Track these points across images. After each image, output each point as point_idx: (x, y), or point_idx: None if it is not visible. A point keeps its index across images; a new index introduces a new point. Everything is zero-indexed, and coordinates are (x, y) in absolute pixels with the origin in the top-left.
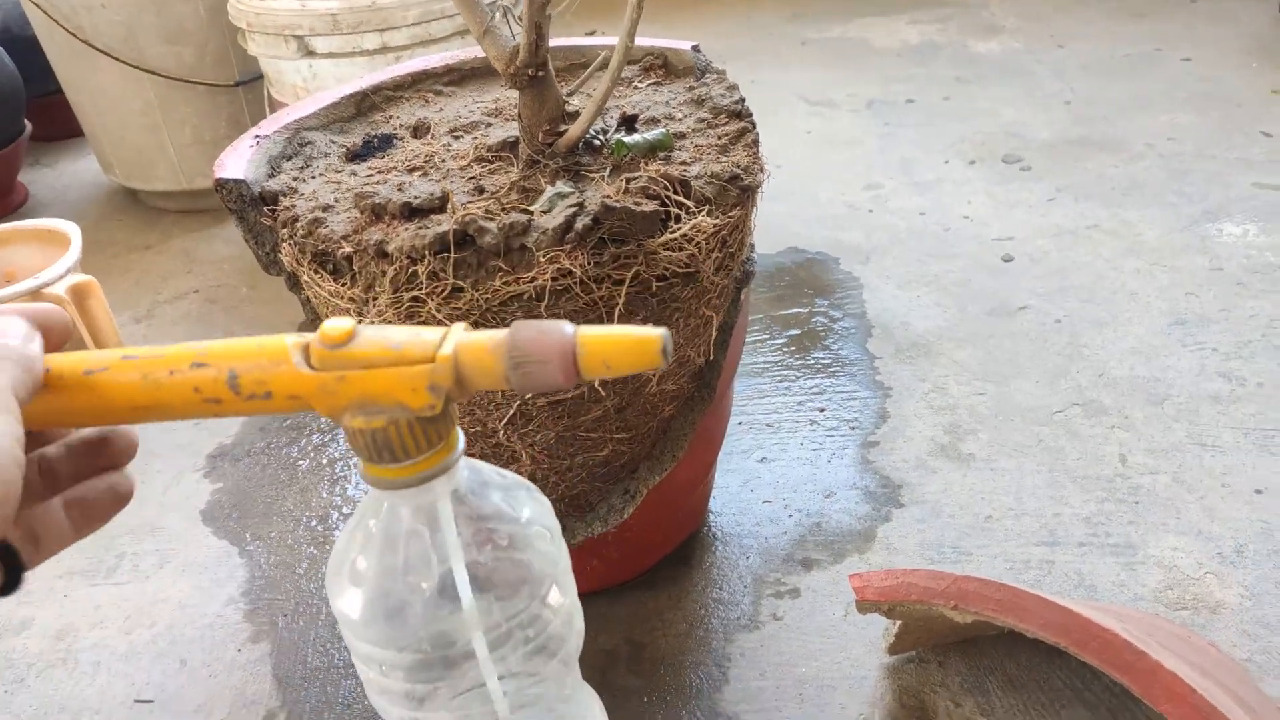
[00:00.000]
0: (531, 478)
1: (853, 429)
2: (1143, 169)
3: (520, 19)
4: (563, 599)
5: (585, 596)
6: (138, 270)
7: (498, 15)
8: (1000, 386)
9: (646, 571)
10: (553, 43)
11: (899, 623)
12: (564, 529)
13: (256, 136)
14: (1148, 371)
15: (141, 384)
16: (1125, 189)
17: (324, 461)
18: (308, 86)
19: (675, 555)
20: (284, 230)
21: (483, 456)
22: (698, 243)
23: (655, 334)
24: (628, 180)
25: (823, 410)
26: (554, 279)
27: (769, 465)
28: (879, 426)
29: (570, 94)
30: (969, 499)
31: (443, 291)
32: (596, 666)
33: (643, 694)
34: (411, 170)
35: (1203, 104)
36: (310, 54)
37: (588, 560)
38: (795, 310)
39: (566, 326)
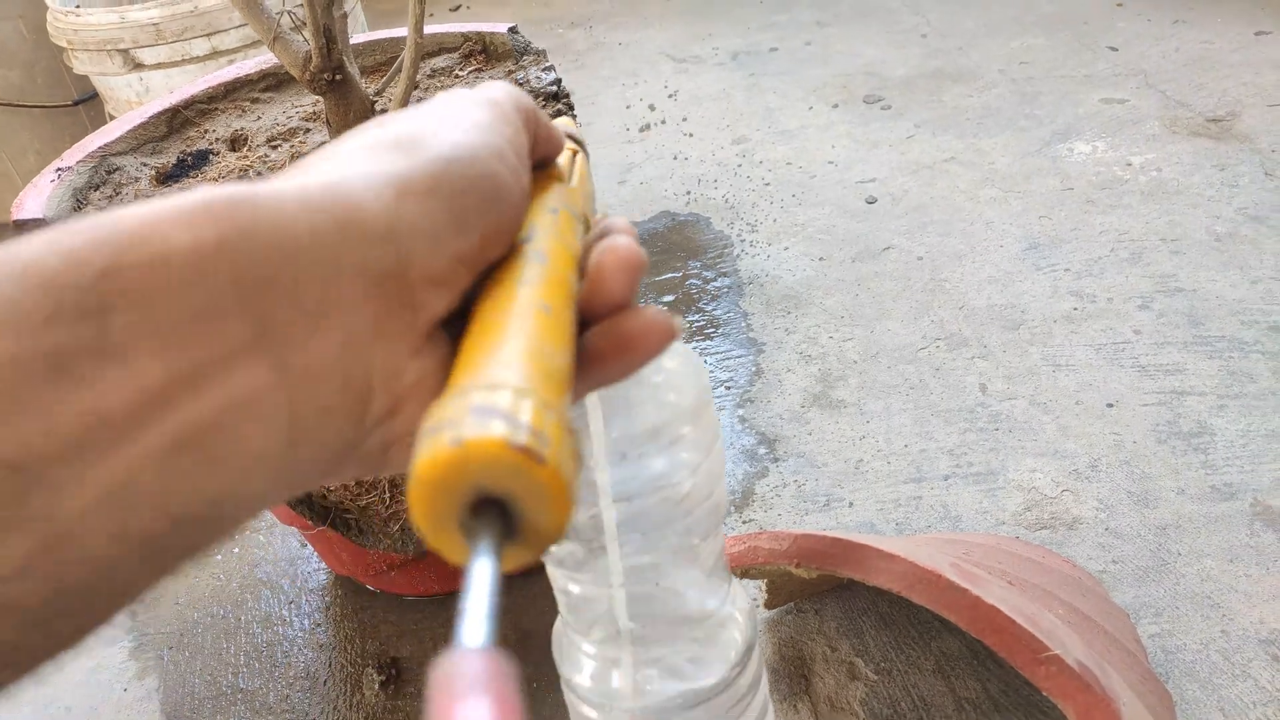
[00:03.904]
0: (391, 483)
1: (729, 389)
2: (996, 96)
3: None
4: (697, 457)
5: None
6: None
7: (286, 20)
8: (868, 330)
9: None
10: (377, 35)
11: (766, 580)
12: None
13: (58, 170)
14: (1004, 299)
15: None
16: (980, 118)
17: None
18: (142, 101)
19: None
20: None
21: None
22: None
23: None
24: None
25: None
26: None
27: None
28: (754, 383)
29: (379, 92)
30: (841, 445)
31: None
32: None
33: (533, 680)
34: None
35: (1051, 24)
36: (138, 67)
37: None
38: (669, 276)
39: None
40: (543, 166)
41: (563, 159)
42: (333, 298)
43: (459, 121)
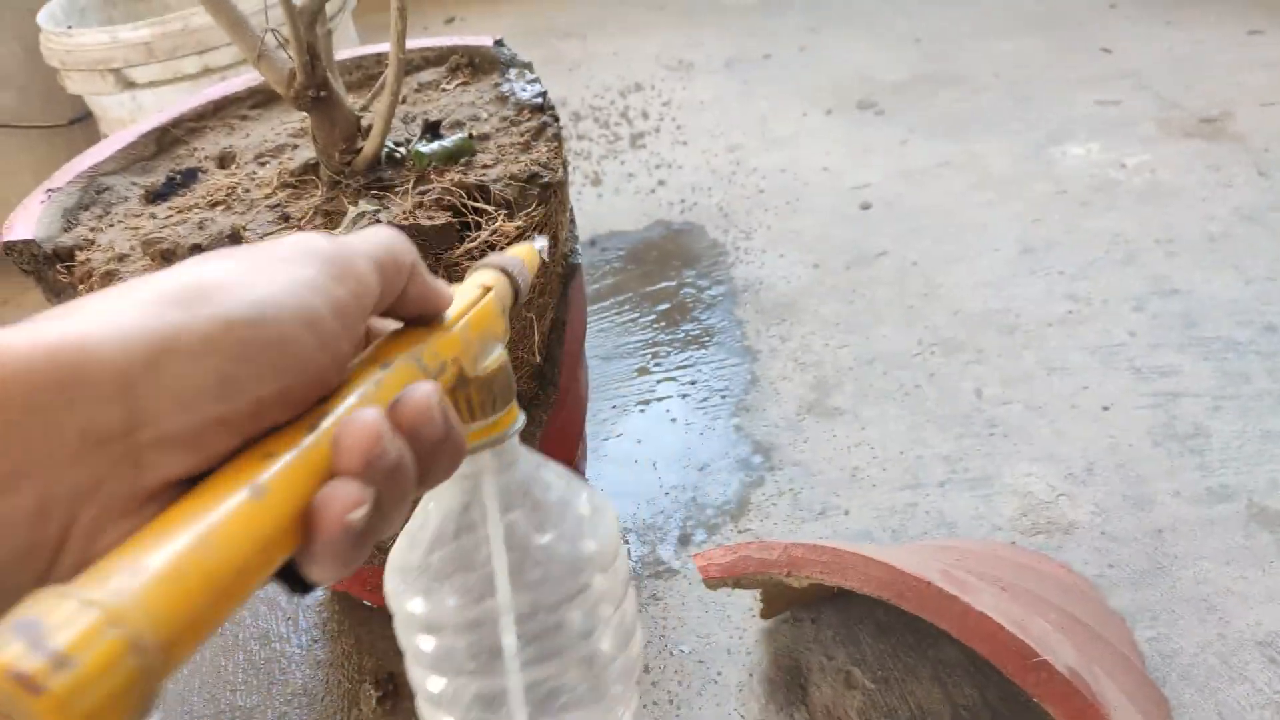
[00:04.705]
0: None
1: (724, 398)
2: (990, 99)
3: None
4: (612, 611)
5: None
6: None
7: (270, 38)
8: (863, 336)
9: None
10: (365, 50)
11: (760, 590)
12: None
13: (48, 190)
14: (999, 303)
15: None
16: (974, 121)
17: None
18: (135, 119)
19: None
20: (81, 287)
21: None
22: (501, 248)
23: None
24: (422, 193)
25: (694, 383)
26: None
27: (644, 446)
28: (749, 392)
29: (364, 108)
30: (836, 453)
31: None
32: None
33: None
34: (213, 205)
35: (1045, 26)
36: (130, 86)
37: None
38: (664, 285)
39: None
40: (422, 320)
41: (462, 301)
42: (36, 458)
43: (273, 276)
